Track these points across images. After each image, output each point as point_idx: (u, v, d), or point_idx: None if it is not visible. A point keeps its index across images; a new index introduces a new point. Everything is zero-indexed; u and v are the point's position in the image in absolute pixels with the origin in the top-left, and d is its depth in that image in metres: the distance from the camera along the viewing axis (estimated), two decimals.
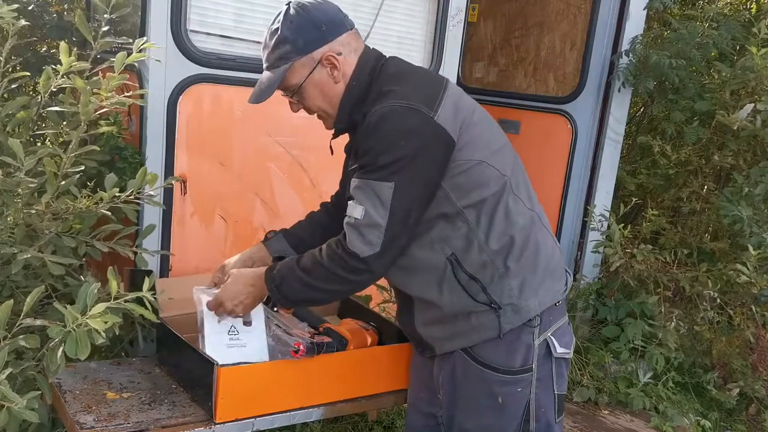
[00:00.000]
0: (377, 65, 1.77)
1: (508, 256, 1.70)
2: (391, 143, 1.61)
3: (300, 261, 1.73)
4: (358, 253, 1.62)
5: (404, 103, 1.63)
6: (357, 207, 1.63)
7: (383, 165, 1.60)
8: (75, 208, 1.88)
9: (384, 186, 1.60)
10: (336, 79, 1.74)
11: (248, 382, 1.95)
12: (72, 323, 1.53)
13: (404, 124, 1.62)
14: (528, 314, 1.71)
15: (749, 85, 3.55)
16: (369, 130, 1.64)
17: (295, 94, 1.78)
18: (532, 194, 1.82)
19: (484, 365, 1.74)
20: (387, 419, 2.86)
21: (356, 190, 1.64)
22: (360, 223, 1.62)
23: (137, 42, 1.96)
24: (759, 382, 3.40)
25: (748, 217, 3.32)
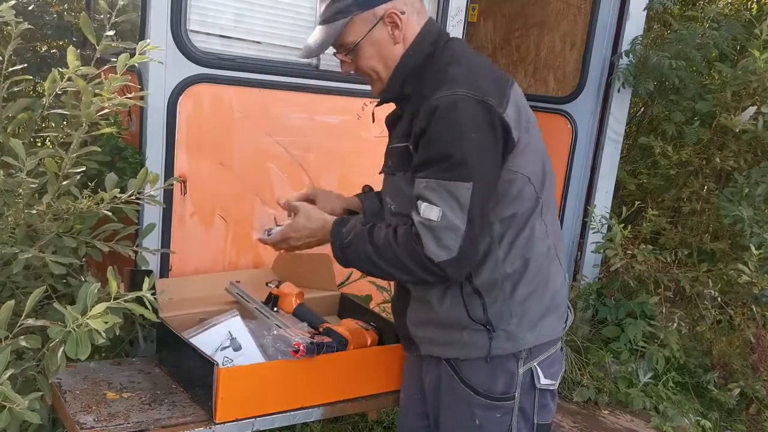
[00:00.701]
0: (440, 40, 1.66)
1: (518, 282, 1.63)
2: (463, 137, 1.50)
3: (372, 233, 1.61)
4: (434, 258, 1.52)
5: (475, 94, 1.52)
6: (433, 208, 1.51)
7: (458, 162, 1.50)
8: (76, 208, 1.88)
9: (462, 187, 1.50)
10: (396, 39, 1.64)
11: (248, 382, 1.95)
12: (72, 323, 1.53)
13: (476, 116, 1.51)
14: (520, 345, 1.66)
15: (750, 87, 3.55)
16: (437, 117, 1.51)
17: (350, 52, 1.67)
18: (556, 221, 1.75)
19: (466, 384, 1.69)
20: (387, 419, 2.86)
21: (429, 191, 1.52)
22: (436, 225, 1.51)
23: (140, 44, 1.96)
24: (759, 383, 3.40)
25: (748, 217, 3.32)
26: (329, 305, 2.63)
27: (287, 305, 2.32)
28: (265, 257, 2.74)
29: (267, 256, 2.74)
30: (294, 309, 2.31)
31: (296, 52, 2.66)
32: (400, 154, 1.66)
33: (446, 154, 1.50)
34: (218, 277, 2.55)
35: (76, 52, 1.88)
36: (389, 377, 2.23)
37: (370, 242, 1.61)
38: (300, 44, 2.70)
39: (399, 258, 1.56)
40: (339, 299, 2.66)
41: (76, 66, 1.86)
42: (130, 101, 1.94)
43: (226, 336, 2.13)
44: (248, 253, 2.71)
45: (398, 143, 1.66)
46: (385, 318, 2.52)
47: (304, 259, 2.67)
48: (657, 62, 3.47)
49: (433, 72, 1.61)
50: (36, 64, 3.06)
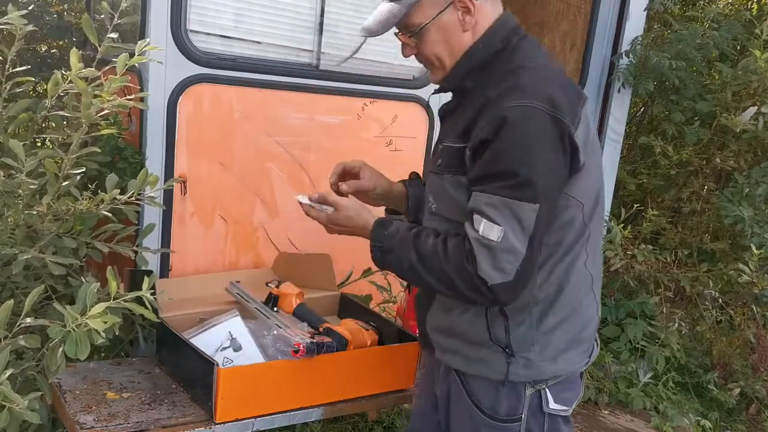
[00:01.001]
0: (513, 37, 1.55)
1: (548, 310, 1.53)
2: (533, 155, 1.39)
3: (418, 241, 1.51)
4: (487, 280, 1.40)
5: (550, 108, 1.40)
6: (494, 227, 1.39)
7: (526, 181, 1.38)
8: (76, 209, 1.88)
9: (528, 208, 1.38)
10: (466, 26, 1.52)
11: (248, 382, 1.95)
12: (72, 323, 1.53)
13: (548, 133, 1.40)
14: (538, 375, 1.54)
15: (751, 87, 3.55)
16: (507, 129, 1.39)
17: (414, 35, 1.54)
18: (600, 252, 1.65)
19: (472, 399, 1.61)
20: (387, 419, 2.86)
21: (490, 208, 1.40)
22: (495, 246, 1.39)
23: (139, 44, 1.96)
24: (759, 383, 3.40)
25: (749, 217, 3.32)
26: (329, 305, 2.63)
27: (287, 305, 2.32)
28: (265, 257, 2.74)
29: (267, 256, 2.74)
30: (294, 309, 2.31)
31: (296, 52, 2.69)
32: (452, 155, 1.52)
33: (514, 171, 1.39)
34: (218, 277, 2.55)
35: (79, 54, 1.88)
36: (389, 377, 2.23)
37: (415, 250, 1.50)
38: (300, 44, 2.72)
39: (446, 272, 1.45)
40: (339, 299, 2.66)
41: (79, 68, 1.86)
42: (130, 102, 1.94)
43: (226, 336, 2.13)
44: (248, 253, 2.71)
45: (453, 143, 1.53)
46: (385, 318, 2.52)
47: (304, 259, 2.68)
48: (657, 62, 3.47)
49: (502, 72, 1.49)
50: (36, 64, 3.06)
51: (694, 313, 3.67)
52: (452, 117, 1.61)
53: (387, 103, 2.89)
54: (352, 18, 2.77)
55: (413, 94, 2.95)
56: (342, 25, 2.75)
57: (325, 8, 2.68)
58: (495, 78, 1.50)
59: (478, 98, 1.49)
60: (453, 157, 1.52)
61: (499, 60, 1.52)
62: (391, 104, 2.90)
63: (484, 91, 1.49)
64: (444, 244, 1.47)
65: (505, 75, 1.48)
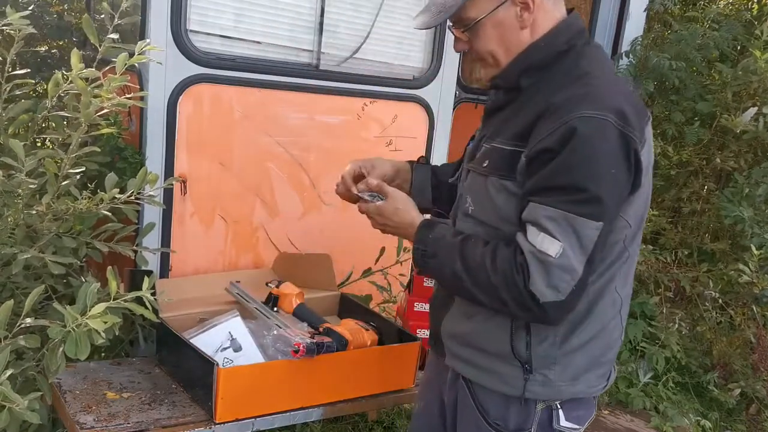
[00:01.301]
0: (578, 40, 1.46)
1: (574, 329, 1.46)
2: (602, 171, 1.31)
3: (464, 249, 1.43)
4: (539, 297, 1.32)
5: (621, 123, 1.32)
6: (554, 242, 1.31)
7: (592, 198, 1.30)
8: (75, 208, 1.88)
9: (590, 225, 1.31)
10: (524, 23, 1.43)
11: (248, 382, 1.95)
12: (72, 323, 1.53)
13: (617, 150, 1.32)
14: (555, 395, 1.48)
15: (751, 87, 3.55)
16: (577, 141, 1.30)
17: (468, 29, 1.46)
18: (632, 275, 1.58)
19: (479, 410, 1.54)
20: (387, 419, 2.86)
21: (549, 222, 1.32)
22: (552, 262, 1.31)
23: (139, 44, 1.96)
24: (759, 383, 3.40)
25: (749, 217, 3.32)
26: (329, 305, 2.63)
27: (287, 305, 2.32)
28: (265, 257, 2.74)
29: (267, 256, 2.74)
30: (294, 309, 2.31)
31: (296, 52, 2.69)
32: (503, 158, 1.43)
33: (581, 186, 1.30)
34: (218, 277, 2.55)
35: (80, 55, 1.88)
36: (389, 377, 2.23)
37: (461, 258, 1.42)
38: (300, 44, 2.72)
39: (493, 285, 1.37)
40: (339, 299, 2.66)
41: (80, 68, 1.86)
42: (130, 102, 1.94)
43: (226, 337, 2.13)
44: (248, 253, 2.71)
45: (504, 145, 1.44)
46: (385, 318, 2.52)
47: (304, 259, 2.68)
48: (657, 63, 3.47)
49: (566, 76, 1.42)
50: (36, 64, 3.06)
51: (694, 314, 3.67)
52: (500, 115, 1.53)
53: (387, 103, 2.89)
54: (352, 18, 2.77)
55: (413, 94, 2.95)
56: (342, 25, 2.75)
57: (325, 8, 2.68)
58: (557, 81, 1.42)
59: (537, 100, 1.42)
60: (503, 160, 1.43)
61: (561, 62, 1.44)
62: (391, 104, 2.90)
63: (544, 93, 1.42)
64: (493, 253, 1.39)
65: (571, 80, 1.40)
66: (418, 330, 2.46)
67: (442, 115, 3.05)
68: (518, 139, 1.41)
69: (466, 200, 1.54)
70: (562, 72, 1.43)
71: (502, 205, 1.44)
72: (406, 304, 2.52)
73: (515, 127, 1.43)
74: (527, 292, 1.33)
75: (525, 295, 1.34)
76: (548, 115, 1.36)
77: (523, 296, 1.34)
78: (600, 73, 1.42)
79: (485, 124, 1.59)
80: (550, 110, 1.36)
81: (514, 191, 1.41)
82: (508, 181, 1.42)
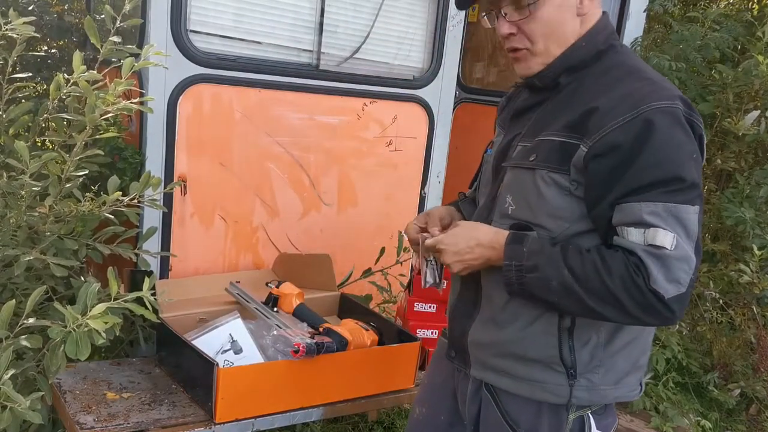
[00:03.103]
0: (614, 40, 1.46)
1: (616, 330, 1.42)
2: (688, 156, 1.30)
3: (567, 256, 1.33)
4: (663, 294, 1.26)
5: (688, 111, 1.33)
6: (666, 234, 1.26)
7: (690, 185, 1.28)
8: (78, 211, 1.88)
9: (690, 210, 1.28)
10: (581, 10, 1.41)
11: (248, 382, 1.95)
12: (72, 324, 1.53)
13: (693, 136, 1.32)
14: (600, 400, 1.44)
15: (752, 88, 3.55)
16: (656, 132, 1.28)
17: (531, 4, 1.38)
18: None
19: (506, 419, 1.48)
20: (387, 419, 2.86)
21: (654, 217, 1.27)
22: (670, 255, 1.26)
23: (145, 49, 1.95)
24: (760, 383, 3.40)
25: (751, 218, 3.32)
26: (329, 305, 2.63)
27: (287, 305, 2.33)
28: (265, 257, 2.74)
29: (267, 256, 2.75)
30: (294, 309, 2.32)
31: (296, 52, 2.69)
32: (554, 149, 1.38)
33: (675, 176, 1.28)
34: (218, 278, 2.56)
35: (82, 56, 1.88)
36: (389, 377, 2.23)
37: (568, 267, 1.32)
38: (300, 44, 2.72)
39: (610, 290, 1.28)
40: (339, 299, 2.66)
41: (82, 71, 1.86)
42: (135, 106, 1.93)
43: (226, 339, 2.13)
44: (248, 253, 2.71)
45: (555, 136, 1.39)
46: (385, 318, 2.52)
47: (304, 260, 2.68)
48: (657, 64, 3.47)
49: (614, 72, 1.40)
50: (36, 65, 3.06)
51: (694, 314, 3.66)
52: (533, 114, 1.48)
53: (387, 103, 2.89)
54: (352, 18, 2.78)
55: (413, 94, 2.95)
56: (342, 25, 2.75)
57: (325, 8, 2.68)
58: (602, 78, 1.40)
59: (583, 95, 1.39)
60: (554, 152, 1.38)
61: (602, 60, 1.43)
62: (391, 104, 2.90)
63: (587, 88, 1.40)
64: (602, 258, 1.31)
65: (622, 75, 1.39)
66: (418, 330, 2.46)
67: (442, 115, 3.05)
68: (571, 130, 1.37)
69: (505, 200, 1.47)
70: (605, 69, 1.42)
71: (551, 199, 1.38)
72: (406, 304, 2.53)
73: (565, 119, 1.39)
74: (650, 292, 1.27)
75: (649, 295, 1.27)
76: (610, 109, 1.32)
77: (647, 297, 1.27)
78: (651, 70, 1.43)
79: (514, 124, 1.54)
80: (610, 104, 1.33)
81: (566, 185, 1.37)
82: (558, 174, 1.37)
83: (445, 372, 1.67)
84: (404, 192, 3.04)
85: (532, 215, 1.41)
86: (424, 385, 1.77)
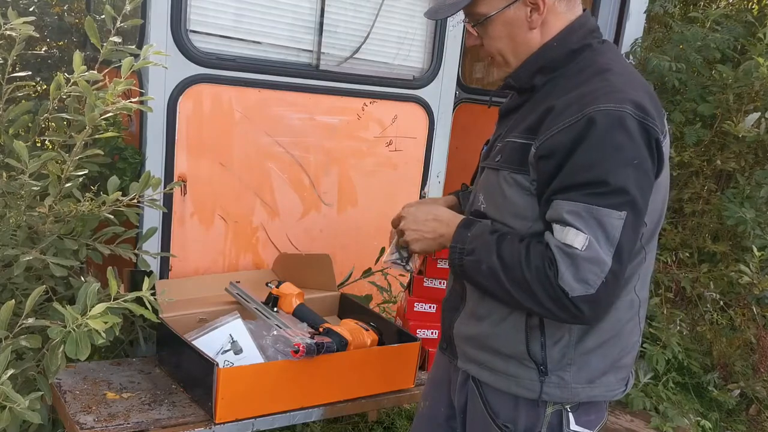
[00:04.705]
0: (591, 39, 1.47)
1: (589, 329, 1.44)
2: (624, 161, 1.30)
3: (501, 245, 1.38)
4: (568, 291, 1.30)
5: (640, 114, 1.32)
6: (578, 234, 1.29)
7: (615, 189, 1.29)
8: (77, 211, 1.88)
9: (614, 215, 1.29)
10: (532, 24, 1.44)
11: (248, 382, 1.95)
12: (72, 324, 1.53)
13: (639, 140, 1.31)
14: (571, 397, 1.46)
15: (753, 89, 3.55)
16: (595, 133, 1.30)
17: (478, 25, 1.48)
18: (650, 276, 1.56)
19: (488, 412, 1.53)
20: (387, 419, 2.86)
21: (573, 216, 1.30)
22: (579, 255, 1.29)
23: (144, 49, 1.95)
24: (760, 383, 3.40)
25: (751, 219, 3.32)
26: (329, 305, 2.63)
27: (287, 305, 2.32)
28: (265, 257, 2.74)
29: (267, 256, 2.75)
30: (294, 309, 2.31)
31: (296, 52, 2.69)
32: (515, 150, 1.43)
33: (602, 179, 1.30)
34: (218, 278, 2.56)
35: (82, 57, 1.88)
36: (389, 377, 2.23)
37: (498, 254, 1.38)
38: (300, 44, 2.72)
39: (527, 281, 1.34)
40: (339, 299, 2.66)
41: (82, 71, 1.86)
42: (134, 106, 1.93)
43: (226, 339, 2.13)
44: (248, 253, 2.71)
45: (516, 138, 1.44)
46: (385, 318, 2.52)
47: (304, 260, 2.68)
48: (657, 64, 3.47)
49: (583, 73, 1.42)
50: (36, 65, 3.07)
51: (694, 314, 3.66)
52: (515, 115, 1.52)
53: (387, 103, 2.89)
54: (352, 18, 2.78)
55: (413, 94, 2.95)
56: (342, 25, 2.75)
57: (325, 8, 2.68)
58: (573, 79, 1.42)
59: (550, 96, 1.42)
60: (515, 153, 1.43)
61: (576, 60, 1.45)
62: (391, 104, 2.90)
63: (559, 90, 1.42)
64: (527, 249, 1.36)
65: (589, 76, 1.40)
66: (418, 330, 2.46)
67: (442, 115, 3.05)
68: (529, 131, 1.41)
69: (478, 198, 1.53)
70: (578, 69, 1.43)
71: (513, 199, 1.43)
72: (406, 304, 2.52)
73: (528, 121, 1.43)
74: (558, 288, 1.31)
75: (557, 290, 1.31)
76: (562, 110, 1.35)
77: (556, 292, 1.31)
78: (620, 70, 1.42)
79: (500, 125, 1.59)
80: (564, 104, 1.36)
81: (526, 186, 1.41)
82: (519, 174, 1.41)
83: (443, 365, 1.72)
84: (404, 192, 3.04)
85: (499, 214, 1.46)
86: (428, 379, 1.83)
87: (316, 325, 2.21)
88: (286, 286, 2.38)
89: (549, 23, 1.45)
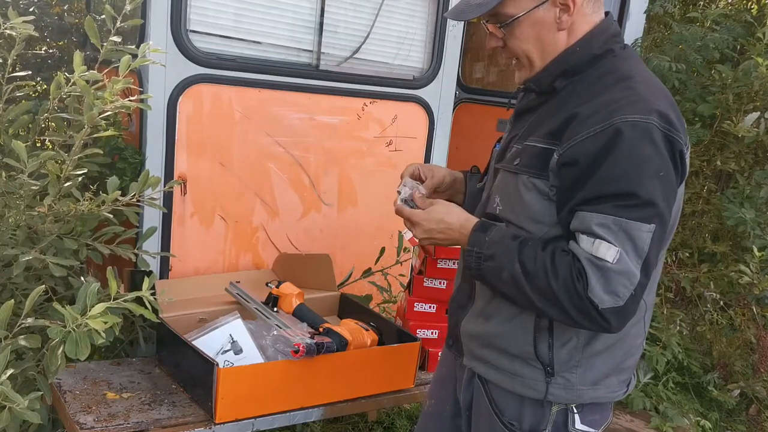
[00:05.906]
0: (614, 44, 1.45)
1: (597, 334, 1.44)
2: (652, 174, 1.30)
3: (523, 252, 1.38)
4: (598, 303, 1.30)
5: (666, 126, 1.31)
6: (610, 247, 1.29)
7: (644, 202, 1.29)
8: (77, 210, 1.88)
9: (643, 228, 1.29)
10: (561, 25, 1.41)
11: (248, 382, 1.95)
12: (72, 323, 1.53)
13: (665, 153, 1.31)
14: (576, 399, 1.47)
15: (752, 89, 3.55)
16: (622, 144, 1.29)
17: (504, 26, 1.43)
18: (657, 280, 1.57)
19: (494, 410, 1.54)
20: (387, 419, 2.86)
21: (602, 229, 1.29)
22: (610, 267, 1.29)
23: (142, 47, 1.95)
24: (760, 383, 3.40)
25: (751, 219, 3.32)
26: (329, 305, 2.63)
27: (287, 305, 2.32)
28: (265, 257, 2.74)
29: (267, 256, 2.74)
30: (294, 309, 2.31)
31: (296, 52, 2.69)
32: (535, 155, 1.41)
33: (632, 192, 1.29)
34: (218, 278, 2.56)
35: (82, 56, 1.88)
36: (389, 377, 2.23)
37: (520, 261, 1.37)
38: (300, 44, 2.72)
39: (553, 291, 1.33)
40: (339, 299, 2.66)
41: (82, 70, 1.86)
42: (133, 104, 1.93)
43: (226, 339, 2.13)
44: (248, 253, 2.71)
45: (537, 142, 1.42)
46: (385, 318, 2.52)
47: (304, 260, 2.68)
48: (657, 65, 3.47)
49: (605, 79, 1.41)
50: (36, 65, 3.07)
51: (694, 314, 3.66)
52: (532, 116, 1.51)
53: (387, 103, 2.89)
54: (352, 18, 2.78)
55: (413, 94, 2.95)
56: (342, 25, 2.75)
57: (325, 8, 2.68)
58: (596, 84, 1.41)
59: (573, 101, 1.41)
60: (535, 158, 1.41)
61: (598, 65, 1.43)
62: (391, 104, 2.90)
63: (581, 95, 1.40)
64: (552, 258, 1.35)
65: (611, 83, 1.39)
66: (418, 330, 2.46)
67: (442, 115, 3.05)
68: (551, 137, 1.39)
69: (494, 200, 1.52)
70: (600, 74, 1.42)
71: (531, 204, 1.42)
72: (406, 304, 2.52)
73: (549, 125, 1.41)
74: (587, 300, 1.30)
75: (586, 302, 1.31)
76: (586, 117, 1.34)
77: (584, 304, 1.31)
78: (642, 77, 1.41)
79: (515, 125, 1.58)
80: (588, 111, 1.34)
81: (545, 191, 1.40)
82: (539, 179, 1.40)
83: (449, 363, 1.72)
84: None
85: (515, 217, 1.45)
86: (433, 378, 1.83)
87: (316, 325, 2.21)
88: (286, 286, 2.38)
89: (576, 24, 1.43)
